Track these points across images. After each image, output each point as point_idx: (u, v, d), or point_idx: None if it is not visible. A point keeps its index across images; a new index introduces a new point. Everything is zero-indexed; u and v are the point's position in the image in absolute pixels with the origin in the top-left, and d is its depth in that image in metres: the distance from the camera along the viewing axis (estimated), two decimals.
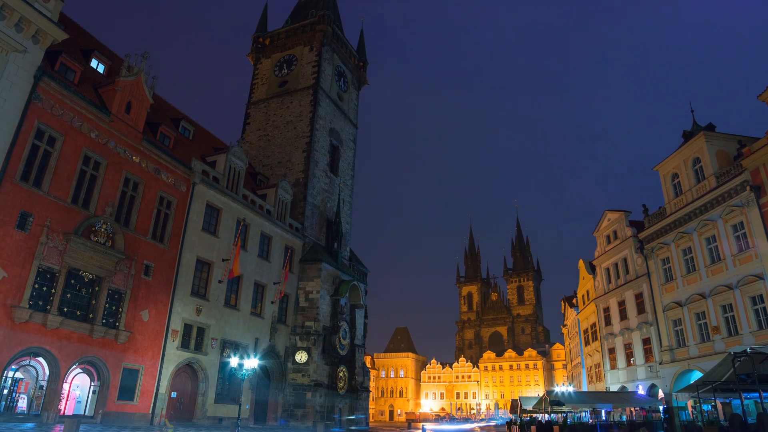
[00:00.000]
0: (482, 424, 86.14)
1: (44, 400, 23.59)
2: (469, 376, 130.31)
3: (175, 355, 30.26)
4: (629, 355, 42.49)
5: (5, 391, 22.96)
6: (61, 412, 24.67)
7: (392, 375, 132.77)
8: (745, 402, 23.94)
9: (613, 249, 45.16)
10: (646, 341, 39.94)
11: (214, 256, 34.04)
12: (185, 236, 32.11)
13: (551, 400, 39.20)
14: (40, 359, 23.89)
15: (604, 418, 40.02)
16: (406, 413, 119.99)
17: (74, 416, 24.40)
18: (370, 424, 61.29)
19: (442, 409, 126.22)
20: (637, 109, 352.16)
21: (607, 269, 46.76)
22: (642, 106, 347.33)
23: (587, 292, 52.85)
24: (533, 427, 39.99)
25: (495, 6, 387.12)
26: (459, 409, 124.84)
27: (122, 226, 27.88)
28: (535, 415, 44.03)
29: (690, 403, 32.88)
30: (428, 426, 61.03)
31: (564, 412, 40.39)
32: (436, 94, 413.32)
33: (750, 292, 30.20)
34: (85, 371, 26.06)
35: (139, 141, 29.66)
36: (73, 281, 25.16)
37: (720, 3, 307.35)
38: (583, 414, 42.14)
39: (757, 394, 23.33)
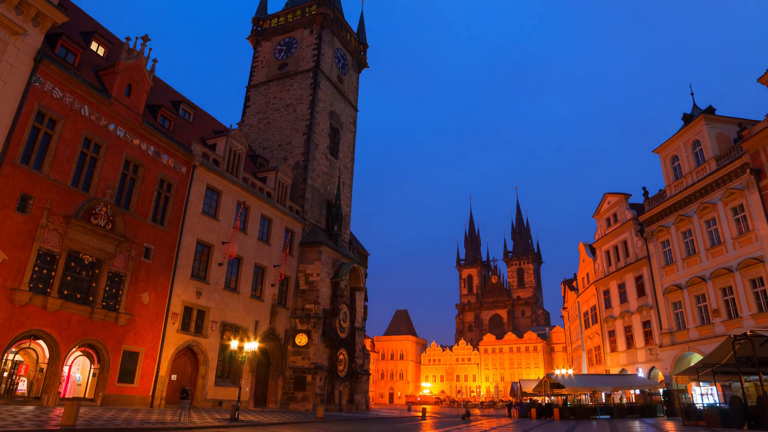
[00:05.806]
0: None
1: (44, 383, 23.65)
2: (469, 359, 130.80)
3: (175, 338, 30.34)
4: (629, 337, 42.66)
5: (5, 374, 22.99)
6: (61, 394, 24.75)
7: (392, 358, 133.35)
8: (745, 384, 24.04)
9: (613, 232, 45.17)
10: (646, 324, 40.09)
11: (214, 238, 34.01)
12: (185, 219, 32.06)
13: (551, 383, 39.49)
14: (41, 342, 23.93)
15: (604, 400, 40.31)
16: (406, 396, 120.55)
17: (74, 399, 24.56)
18: (371, 407, 61.68)
19: (442, 391, 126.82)
20: (637, 92, 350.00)
21: (607, 252, 46.81)
22: (642, 88, 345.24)
23: (587, 274, 52.94)
24: (533, 410, 40.30)
25: None
26: (459, 392, 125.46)
27: (122, 208, 27.82)
28: (535, 398, 44.39)
29: (690, 385, 33.09)
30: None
31: (564, 394, 40.68)
32: (435, 83, 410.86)
33: (750, 274, 30.23)
34: (85, 354, 26.10)
35: (139, 124, 29.52)
36: (73, 264, 25.15)
37: None
38: (583, 396, 42.42)
39: (757, 377, 23.43)
